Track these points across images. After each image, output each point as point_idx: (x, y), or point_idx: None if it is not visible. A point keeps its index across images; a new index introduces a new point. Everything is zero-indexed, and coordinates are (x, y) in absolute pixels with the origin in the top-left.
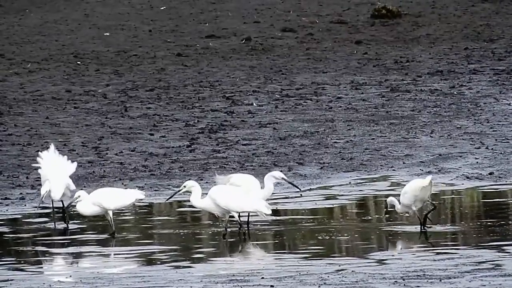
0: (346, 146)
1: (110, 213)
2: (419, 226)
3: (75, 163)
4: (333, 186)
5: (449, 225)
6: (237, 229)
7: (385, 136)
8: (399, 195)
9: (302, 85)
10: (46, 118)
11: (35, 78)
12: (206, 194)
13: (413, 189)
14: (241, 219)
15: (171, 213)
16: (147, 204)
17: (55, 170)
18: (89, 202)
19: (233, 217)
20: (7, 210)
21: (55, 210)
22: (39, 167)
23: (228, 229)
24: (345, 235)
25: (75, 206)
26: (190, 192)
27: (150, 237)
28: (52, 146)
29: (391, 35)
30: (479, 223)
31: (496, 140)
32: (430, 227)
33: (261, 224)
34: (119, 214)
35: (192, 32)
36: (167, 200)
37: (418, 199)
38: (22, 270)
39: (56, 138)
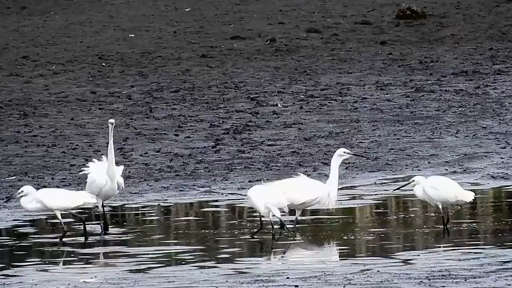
0: (371, 146)
1: (57, 213)
2: (443, 225)
3: (122, 166)
4: (358, 186)
5: (474, 224)
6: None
7: (410, 136)
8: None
9: (327, 86)
10: (71, 119)
11: (60, 79)
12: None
13: (449, 195)
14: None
15: (196, 213)
16: (172, 204)
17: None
18: (33, 199)
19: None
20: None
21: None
22: (89, 172)
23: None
24: (370, 235)
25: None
26: None
27: (175, 237)
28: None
29: (416, 35)
30: (504, 222)
31: None
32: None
33: (286, 223)
34: (144, 215)
35: (217, 33)
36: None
37: (448, 203)
38: (47, 270)
39: (81, 139)
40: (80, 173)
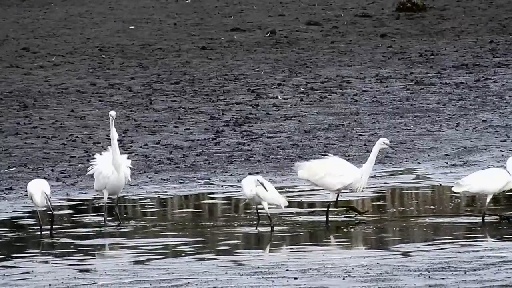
0: (371, 139)
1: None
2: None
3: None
4: None
5: (474, 217)
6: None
7: (410, 129)
8: (425, 187)
9: (327, 78)
10: (71, 111)
11: (60, 71)
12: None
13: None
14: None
15: (195, 205)
16: (172, 196)
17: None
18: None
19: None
20: (32, 202)
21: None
22: (95, 164)
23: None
24: (370, 227)
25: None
26: None
27: (175, 229)
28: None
29: (416, 28)
30: (503, 215)
31: None
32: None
33: (286, 216)
34: (143, 207)
35: (217, 26)
36: None
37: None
38: (46, 262)
39: (81, 131)
40: (89, 171)
